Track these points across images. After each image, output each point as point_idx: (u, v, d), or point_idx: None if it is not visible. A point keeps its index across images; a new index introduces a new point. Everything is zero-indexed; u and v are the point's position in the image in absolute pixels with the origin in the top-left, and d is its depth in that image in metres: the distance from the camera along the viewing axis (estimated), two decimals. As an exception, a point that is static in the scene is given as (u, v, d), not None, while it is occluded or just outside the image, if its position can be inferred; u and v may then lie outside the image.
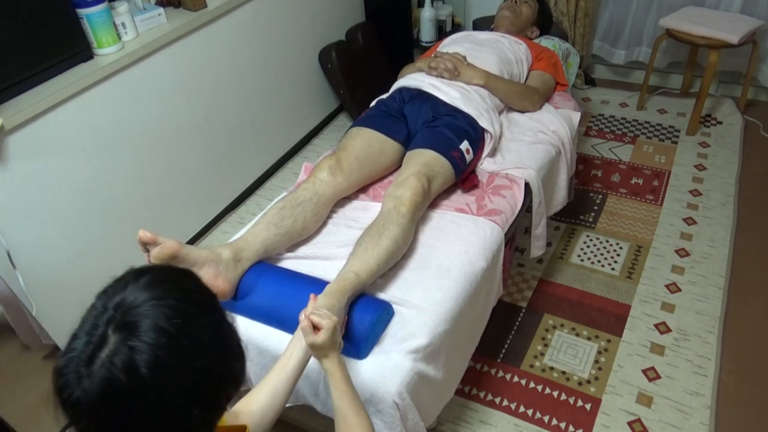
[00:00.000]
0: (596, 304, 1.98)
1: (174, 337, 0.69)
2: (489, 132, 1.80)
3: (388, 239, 1.38)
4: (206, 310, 0.77)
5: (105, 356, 0.66)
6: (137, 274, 0.75)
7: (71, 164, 1.80)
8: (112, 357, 0.66)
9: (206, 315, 0.76)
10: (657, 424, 1.62)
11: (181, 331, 0.70)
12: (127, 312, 0.69)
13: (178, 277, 0.80)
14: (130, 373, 0.66)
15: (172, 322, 0.70)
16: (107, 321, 0.69)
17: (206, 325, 0.74)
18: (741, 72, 2.91)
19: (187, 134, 2.22)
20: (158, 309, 0.70)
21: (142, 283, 0.73)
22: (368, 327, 1.26)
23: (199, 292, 0.79)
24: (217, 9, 2.17)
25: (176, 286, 0.76)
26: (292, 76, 2.73)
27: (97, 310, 0.71)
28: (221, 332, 0.77)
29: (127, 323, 0.68)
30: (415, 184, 1.51)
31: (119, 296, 0.72)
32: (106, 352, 0.67)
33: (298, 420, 1.65)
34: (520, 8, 2.27)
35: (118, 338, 0.67)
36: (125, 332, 0.68)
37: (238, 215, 2.56)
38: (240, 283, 1.37)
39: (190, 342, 0.71)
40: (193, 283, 0.80)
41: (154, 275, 0.76)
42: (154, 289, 0.73)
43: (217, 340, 0.75)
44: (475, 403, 1.71)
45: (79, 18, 1.76)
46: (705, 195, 2.42)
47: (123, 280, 0.75)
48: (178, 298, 0.73)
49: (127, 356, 0.66)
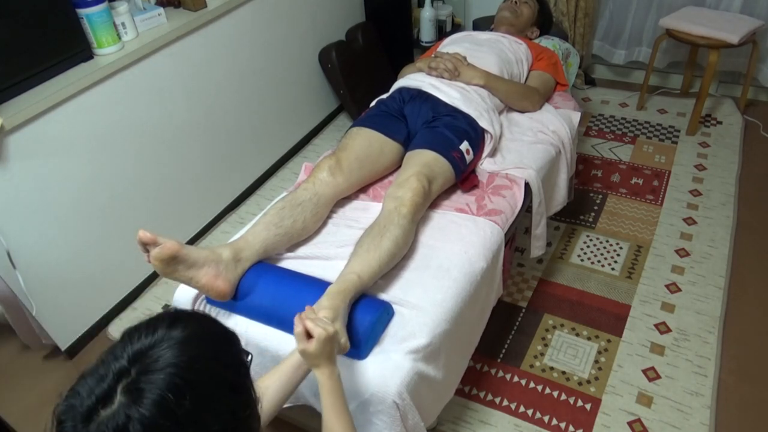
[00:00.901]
0: (596, 304, 1.98)
1: (177, 421, 0.62)
2: (489, 132, 1.80)
3: (390, 241, 1.38)
4: (231, 390, 0.68)
5: (104, 417, 0.62)
6: (173, 321, 0.68)
7: (71, 164, 1.80)
8: (108, 421, 0.61)
9: (228, 397, 0.67)
10: (657, 424, 1.62)
11: (188, 415, 0.62)
12: (140, 374, 0.63)
13: (215, 342, 0.70)
14: None
15: (181, 402, 0.62)
16: (118, 374, 0.63)
17: (222, 412, 0.65)
18: (741, 72, 2.91)
19: (187, 134, 2.22)
20: (173, 380, 0.62)
21: (174, 337, 0.66)
22: (368, 327, 1.26)
23: (232, 367, 0.70)
24: (217, 9, 2.17)
25: (210, 354, 0.67)
26: (292, 76, 2.73)
27: (115, 353, 0.65)
28: (237, 421, 0.68)
29: (135, 388, 0.62)
30: (416, 184, 1.51)
31: (142, 343, 0.65)
32: (107, 413, 0.62)
33: (298, 420, 1.65)
34: (520, 8, 2.26)
35: (121, 401, 0.62)
36: (131, 397, 0.62)
37: (238, 215, 2.56)
38: (240, 283, 1.37)
39: (195, 424, 0.63)
40: (230, 352, 0.71)
41: (190, 331, 0.68)
42: (183, 351, 0.65)
43: (229, 431, 0.66)
44: (475, 403, 1.71)
45: (79, 18, 1.76)
46: (705, 195, 2.42)
47: (156, 323, 0.68)
48: (204, 371, 0.65)
49: (122, 424, 0.61)
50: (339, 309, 1.18)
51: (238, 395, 0.69)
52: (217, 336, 0.73)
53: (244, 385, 0.71)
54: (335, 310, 1.16)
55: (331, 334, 1.02)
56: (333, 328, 1.04)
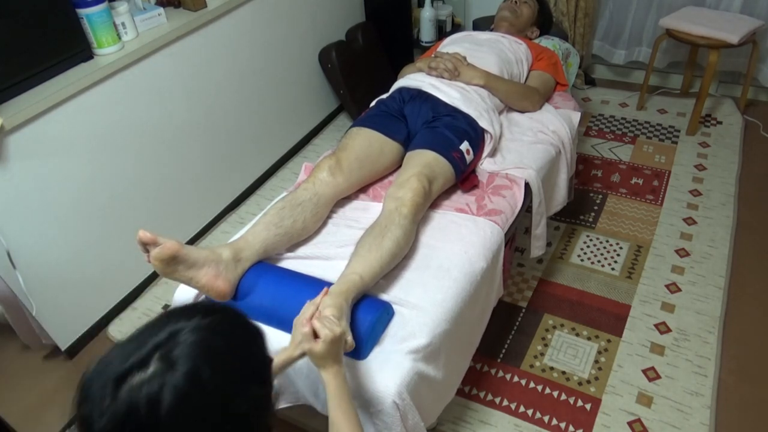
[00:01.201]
0: (596, 304, 1.98)
1: (207, 393, 0.66)
2: (489, 132, 1.80)
3: (391, 241, 1.38)
4: (256, 381, 0.72)
5: (137, 382, 0.64)
6: (209, 310, 0.72)
7: (71, 164, 1.80)
8: (143, 385, 0.64)
9: (254, 387, 0.71)
10: (657, 424, 1.62)
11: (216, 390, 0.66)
12: (176, 345, 0.66)
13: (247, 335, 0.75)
14: (151, 409, 0.63)
15: (213, 376, 0.66)
16: (156, 345, 0.66)
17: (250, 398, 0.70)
18: (741, 72, 2.91)
19: (187, 134, 2.22)
20: (207, 357, 0.66)
21: (208, 323, 0.70)
22: (368, 327, 1.26)
23: (259, 359, 0.75)
24: (217, 9, 2.17)
25: (239, 343, 0.72)
26: (292, 76, 2.73)
27: (154, 328, 0.69)
28: (260, 411, 0.72)
29: (170, 357, 0.65)
30: (416, 185, 1.51)
31: (181, 324, 0.69)
32: (140, 377, 0.64)
33: (298, 420, 1.65)
34: (520, 9, 2.26)
35: (156, 367, 0.65)
36: (166, 365, 0.65)
37: (238, 215, 2.56)
38: (240, 283, 1.37)
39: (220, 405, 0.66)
40: (256, 346, 0.75)
41: (224, 320, 0.72)
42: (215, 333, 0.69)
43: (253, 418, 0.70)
44: (475, 403, 1.71)
45: (79, 18, 1.76)
46: (705, 195, 2.42)
47: (192, 310, 0.72)
48: (234, 358, 0.69)
49: (155, 392, 0.63)
50: (343, 308, 1.18)
51: (262, 385, 0.74)
52: (248, 329, 0.77)
53: (267, 378, 0.75)
54: (339, 309, 1.16)
55: (338, 334, 1.03)
56: (340, 329, 1.05)
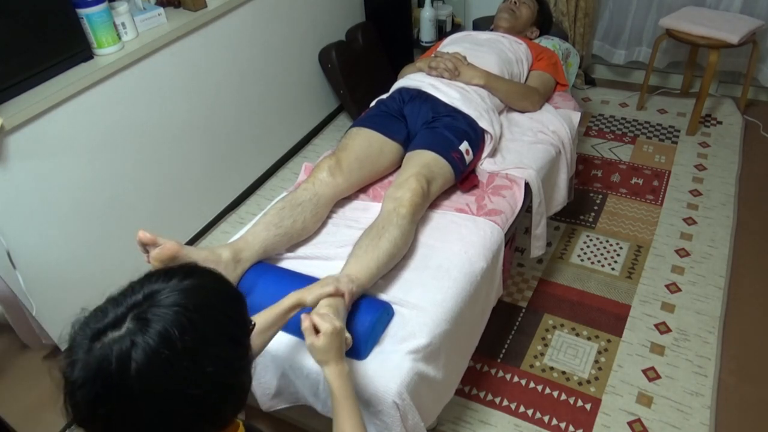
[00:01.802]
0: (596, 304, 1.98)
1: (176, 352, 0.67)
2: (489, 133, 1.80)
3: (388, 241, 1.38)
4: (230, 342, 0.73)
5: (110, 339, 0.67)
6: (187, 273, 0.74)
7: (71, 164, 1.80)
8: (114, 343, 0.66)
9: (226, 346, 0.72)
10: (657, 424, 1.62)
11: (187, 350, 0.67)
12: (151, 307, 0.69)
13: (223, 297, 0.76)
14: (121, 365, 0.65)
15: (183, 337, 0.67)
16: (132, 305, 0.69)
17: (218, 356, 0.71)
18: (741, 72, 2.91)
19: (187, 134, 2.22)
20: (178, 317, 0.68)
21: (185, 285, 0.72)
22: (368, 327, 1.26)
23: (235, 322, 0.76)
24: (217, 9, 2.17)
25: (213, 304, 0.73)
26: (292, 76, 2.73)
27: (132, 288, 0.72)
28: (231, 370, 0.73)
29: (144, 318, 0.68)
30: (415, 185, 1.51)
31: (158, 285, 0.71)
32: (114, 335, 0.67)
33: (298, 420, 1.65)
34: (520, 9, 2.26)
35: (129, 327, 0.67)
36: (139, 325, 0.67)
37: (238, 215, 2.56)
38: (240, 283, 1.37)
39: (191, 365, 0.68)
40: (234, 309, 0.77)
41: (201, 282, 0.74)
42: (191, 296, 0.71)
43: (222, 377, 0.71)
44: (475, 403, 1.71)
45: (79, 18, 1.76)
46: (705, 195, 2.42)
47: (172, 272, 0.74)
48: (207, 316, 0.71)
49: (126, 348, 0.66)
50: (338, 307, 1.18)
51: (236, 347, 0.75)
52: (226, 292, 0.79)
53: (242, 341, 0.77)
54: (335, 308, 1.16)
55: (338, 328, 1.04)
56: (340, 323, 1.06)
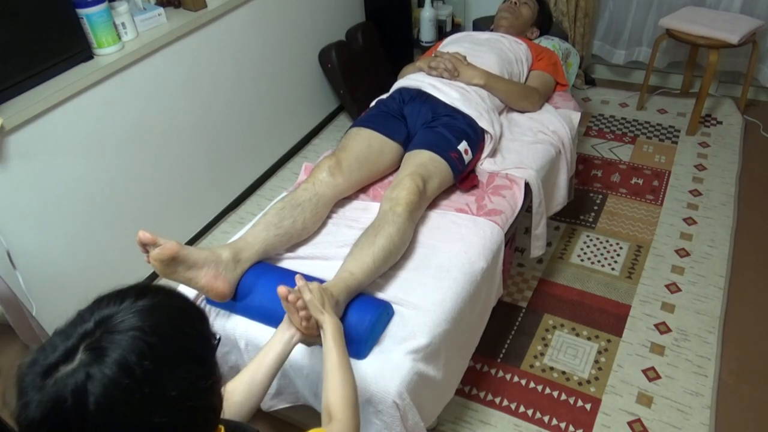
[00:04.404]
0: (596, 304, 1.98)
1: (137, 380, 0.62)
2: (489, 133, 1.80)
3: (384, 238, 1.38)
4: (193, 361, 0.69)
5: (63, 374, 0.62)
6: (140, 293, 0.69)
7: (71, 164, 1.80)
8: (68, 378, 0.61)
9: (189, 367, 0.67)
10: (657, 424, 1.62)
11: (147, 377, 0.63)
12: (104, 334, 0.64)
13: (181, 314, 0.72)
14: (78, 401, 0.60)
15: (142, 362, 0.62)
16: (83, 334, 0.64)
17: (182, 378, 0.66)
18: (741, 72, 2.91)
19: (187, 134, 2.22)
20: (135, 342, 0.63)
21: (139, 306, 0.67)
22: (368, 327, 1.26)
23: (196, 339, 0.71)
24: (217, 9, 2.17)
25: (172, 323, 0.69)
26: (292, 76, 2.73)
27: (82, 317, 0.66)
28: (197, 392, 0.68)
29: (98, 347, 0.63)
30: (410, 184, 1.51)
31: (109, 310, 0.66)
32: (67, 369, 0.62)
33: (298, 420, 1.65)
34: (520, 9, 2.26)
35: (83, 359, 0.62)
36: (92, 355, 0.62)
37: (238, 215, 2.56)
38: (240, 283, 1.37)
39: (152, 392, 0.63)
40: (195, 326, 0.72)
41: (156, 302, 0.69)
42: (148, 317, 0.66)
43: (187, 400, 0.66)
44: (475, 403, 1.71)
45: (79, 18, 1.76)
46: (705, 195, 2.42)
47: (123, 294, 0.69)
48: (166, 336, 0.66)
49: (81, 382, 0.61)
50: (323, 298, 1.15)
51: (200, 366, 0.70)
52: (184, 309, 0.74)
53: (207, 359, 0.72)
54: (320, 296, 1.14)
55: (318, 285, 1.14)
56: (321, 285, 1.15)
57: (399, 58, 3.06)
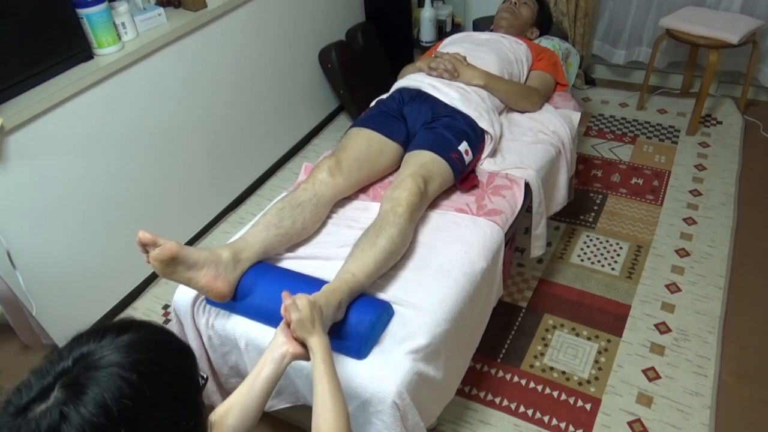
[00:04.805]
0: (596, 304, 1.98)
1: (114, 420, 0.59)
2: (489, 133, 1.80)
3: (385, 239, 1.38)
4: (175, 401, 0.66)
5: (36, 413, 0.59)
6: (122, 328, 0.67)
7: (71, 164, 1.80)
8: (41, 417, 0.59)
9: (171, 405, 0.65)
10: (657, 424, 1.62)
11: (127, 416, 0.60)
12: (82, 371, 0.62)
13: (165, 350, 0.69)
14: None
15: (120, 401, 0.60)
16: (60, 372, 0.62)
17: (162, 418, 0.63)
18: (741, 72, 2.91)
19: (187, 134, 2.22)
20: (114, 381, 0.61)
21: (121, 342, 0.65)
22: (368, 327, 1.26)
23: (180, 377, 0.69)
24: (217, 9, 2.17)
25: (153, 359, 0.66)
26: (292, 76, 2.73)
27: (59, 355, 0.64)
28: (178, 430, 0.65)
29: (75, 384, 0.61)
30: (411, 185, 1.51)
31: (87, 347, 0.64)
32: (41, 409, 0.60)
33: (298, 420, 1.65)
34: (519, 10, 2.26)
35: (58, 397, 0.60)
36: (69, 393, 0.60)
37: (238, 215, 2.56)
38: (239, 283, 1.37)
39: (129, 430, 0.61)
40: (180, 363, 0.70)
41: (138, 337, 0.67)
42: (129, 354, 0.64)
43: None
44: (475, 403, 1.71)
45: (79, 18, 1.76)
46: (705, 195, 2.42)
47: (104, 330, 0.67)
48: (148, 374, 0.63)
49: (54, 421, 0.58)
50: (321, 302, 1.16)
51: (183, 406, 0.67)
52: (169, 345, 0.71)
53: (190, 398, 0.69)
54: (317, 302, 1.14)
55: (311, 300, 1.08)
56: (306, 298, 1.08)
57: (399, 58, 3.06)
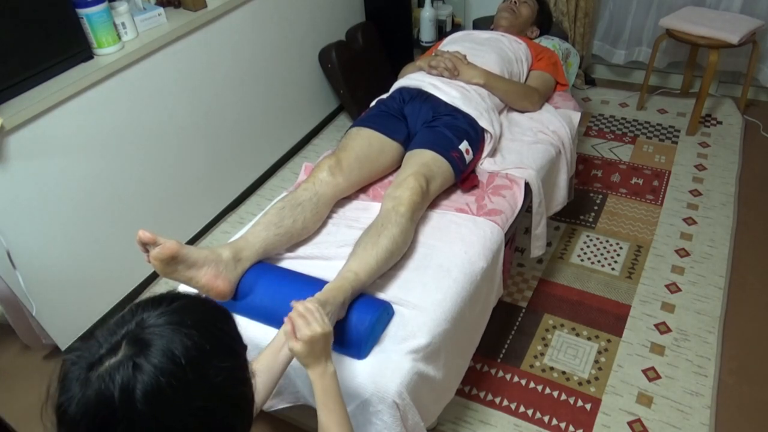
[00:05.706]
0: (596, 304, 1.98)
1: (182, 367, 0.65)
2: (489, 132, 1.80)
3: (387, 239, 1.38)
4: (229, 354, 0.72)
5: (108, 366, 0.64)
6: (173, 298, 0.73)
7: (71, 164, 1.80)
8: (113, 371, 0.63)
9: (226, 358, 0.71)
10: (657, 424, 1.62)
11: (193, 364, 0.66)
12: (145, 330, 0.67)
13: (212, 314, 0.75)
14: (125, 393, 0.62)
15: (186, 351, 0.66)
16: (125, 333, 0.67)
17: (223, 368, 0.69)
18: (741, 72, 2.91)
19: (187, 134, 2.22)
20: (176, 334, 0.67)
21: (174, 308, 0.70)
22: (368, 327, 1.26)
23: (229, 335, 0.75)
24: (217, 9, 2.17)
25: (206, 320, 0.72)
26: (292, 76, 2.73)
27: (122, 319, 0.70)
28: (237, 381, 0.72)
29: (140, 339, 0.66)
30: (413, 184, 1.51)
31: (146, 313, 0.69)
32: (111, 362, 0.64)
33: (298, 420, 1.65)
34: (519, 9, 2.26)
35: (127, 351, 0.65)
36: (137, 347, 0.65)
37: (238, 215, 2.56)
38: (240, 283, 1.37)
39: (198, 378, 0.66)
40: (225, 324, 0.76)
41: (190, 302, 0.73)
42: (182, 315, 0.70)
43: (229, 388, 0.70)
44: (475, 403, 1.71)
45: (79, 18, 1.76)
46: (705, 195, 2.42)
47: (158, 299, 0.72)
48: (203, 332, 0.69)
49: (128, 374, 0.63)
50: (328, 303, 1.16)
51: (236, 359, 0.74)
52: (216, 308, 0.78)
53: (240, 354, 0.76)
54: (324, 304, 1.14)
55: (318, 334, 1.00)
56: (321, 329, 1.01)
57: (399, 58, 3.06)
